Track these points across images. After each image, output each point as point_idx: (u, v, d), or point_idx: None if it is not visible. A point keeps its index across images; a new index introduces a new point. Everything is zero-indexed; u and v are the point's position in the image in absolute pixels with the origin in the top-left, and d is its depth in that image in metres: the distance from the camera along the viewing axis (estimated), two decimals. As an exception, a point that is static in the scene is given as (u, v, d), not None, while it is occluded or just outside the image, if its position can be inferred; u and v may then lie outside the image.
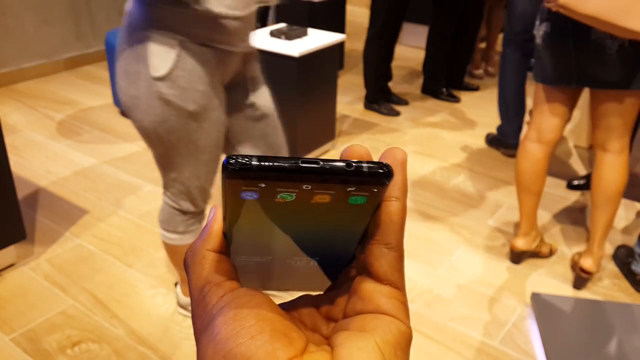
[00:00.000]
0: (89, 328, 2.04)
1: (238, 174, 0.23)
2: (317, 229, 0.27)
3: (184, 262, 0.29)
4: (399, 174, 0.27)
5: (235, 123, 1.74)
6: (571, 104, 2.18)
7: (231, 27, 1.50)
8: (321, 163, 0.24)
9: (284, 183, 0.23)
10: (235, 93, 1.70)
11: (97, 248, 2.47)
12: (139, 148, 3.37)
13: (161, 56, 1.46)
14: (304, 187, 0.24)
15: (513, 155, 3.36)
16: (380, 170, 0.24)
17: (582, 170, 3.20)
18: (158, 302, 2.18)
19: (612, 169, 2.15)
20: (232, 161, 0.23)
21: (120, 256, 2.43)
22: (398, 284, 0.27)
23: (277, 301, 0.29)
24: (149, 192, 2.91)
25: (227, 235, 0.28)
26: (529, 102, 3.32)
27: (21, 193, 2.79)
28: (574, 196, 2.97)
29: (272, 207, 0.25)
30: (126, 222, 2.66)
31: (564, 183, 3.06)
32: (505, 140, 3.39)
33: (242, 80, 1.70)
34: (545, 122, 2.20)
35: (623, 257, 2.42)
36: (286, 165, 0.23)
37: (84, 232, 2.58)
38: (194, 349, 1.98)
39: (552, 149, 2.25)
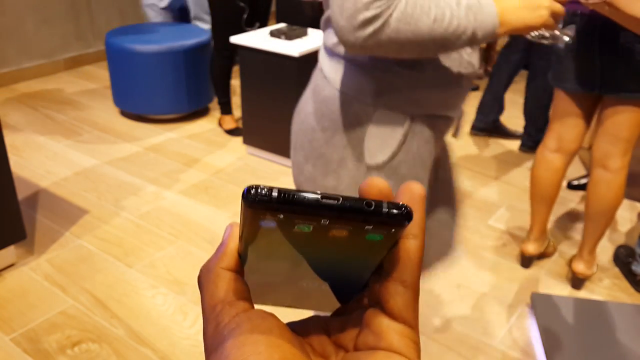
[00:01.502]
0: (89, 328, 2.04)
1: (257, 205, 0.23)
2: (332, 257, 0.27)
3: (198, 279, 0.29)
4: (417, 212, 0.27)
5: None
6: (592, 111, 2.12)
7: (463, 87, 1.20)
8: (341, 200, 0.24)
9: (303, 217, 0.24)
10: None
11: (97, 248, 2.48)
12: (139, 148, 3.38)
13: (383, 137, 1.14)
14: (322, 221, 0.24)
15: (475, 135, 3.59)
16: (400, 212, 0.24)
17: (582, 170, 3.20)
18: (158, 302, 2.18)
19: (608, 188, 2.09)
20: (253, 192, 0.23)
21: (120, 256, 2.43)
22: (411, 323, 0.27)
23: (286, 316, 0.29)
24: (149, 192, 2.91)
25: (241, 255, 0.28)
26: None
27: (21, 193, 2.79)
28: (573, 196, 2.97)
29: (289, 235, 0.25)
30: (126, 222, 2.66)
31: (564, 183, 3.06)
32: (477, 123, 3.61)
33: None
34: (567, 132, 2.15)
35: (623, 258, 2.42)
36: (306, 200, 0.23)
37: (84, 232, 2.58)
38: (194, 349, 1.98)
39: (572, 158, 2.20)
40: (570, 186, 3.03)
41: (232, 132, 3.58)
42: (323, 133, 1.18)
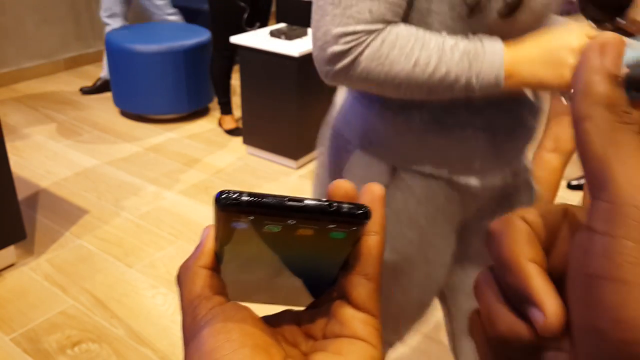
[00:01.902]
0: (89, 328, 2.04)
1: (229, 208, 0.25)
2: (302, 255, 0.29)
3: (177, 277, 0.31)
4: (377, 210, 0.29)
5: (455, 273, 1.19)
6: None
7: (482, 146, 0.97)
8: (305, 202, 0.26)
9: (271, 217, 0.26)
10: (466, 234, 1.11)
11: (97, 248, 2.48)
12: (140, 148, 3.38)
13: (361, 182, 0.80)
14: (289, 221, 0.26)
15: None
16: (359, 212, 0.27)
17: (581, 170, 3.20)
18: (158, 302, 2.18)
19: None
20: (224, 196, 0.25)
21: (120, 256, 2.43)
22: (374, 312, 0.30)
23: (262, 312, 0.31)
24: (149, 193, 2.91)
25: (218, 255, 0.30)
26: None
27: (21, 193, 2.79)
28: (573, 196, 2.97)
29: (260, 235, 0.27)
30: (126, 222, 2.66)
31: (563, 183, 3.06)
32: None
33: (484, 215, 1.09)
34: (563, 131, 2.15)
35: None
36: (273, 202, 0.26)
37: (84, 232, 2.58)
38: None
39: (569, 158, 2.21)
40: (570, 186, 3.03)
41: (232, 132, 3.58)
42: (320, 155, 1.13)
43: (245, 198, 0.25)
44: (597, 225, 0.21)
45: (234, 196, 0.25)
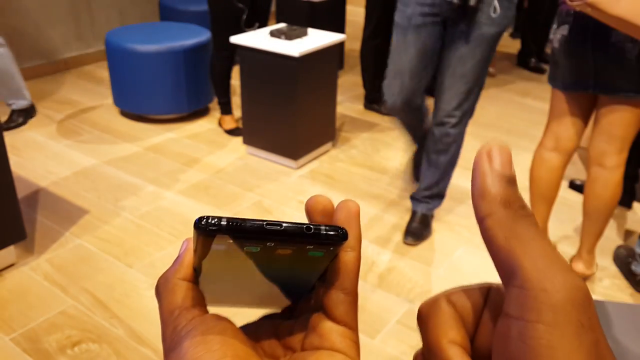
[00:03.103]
0: (89, 328, 2.04)
1: (209, 233, 0.26)
2: (280, 269, 0.30)
3: (156, 288, 0.32)
4: (353, 228, 0.30)
5: None
6: (589, 110, 2.13)
7: None
8: (284, 226, 0.26)
9: (250, 241, 0.27)
10: None
11: (97, 248, 2.48)
12: (140, 148, 3.38)
13: None
14: (268, 244, 0.27)
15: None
16: (336, 233, 0.27)
17: (583, 170, 3.20)
18: (158, 302, 2.18)
19: (605, 186, 2.10)
20: (204, 222, 0.26)
21: (120, 256, 2.43)
22: (352, 325, 0.31)
23: (240, 321, 0.31)
24: (149, 192, 2.91)
25: (196, 269, 0.31)
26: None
27: (21, 193, 2.79)
28: (574, 196, 2.97)
29: (239, 255, 0.28)
30: (126, 222, 2.66)
31: (565, 183, 3.06)
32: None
33: None
34: (564, 130, 2.15)
35: (623, 257, 2.42)
36: (252, 227, 0.26)
37: (84, 232, 2.58)
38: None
39: (569, 158, 2.20)
40: (572, 186, 3.03)
41: (232, 132, 3.58)
42: None
43: (224, 223, 0.26)
44: (512, 310, 0.23)
45: (213, 222, 0.26)
